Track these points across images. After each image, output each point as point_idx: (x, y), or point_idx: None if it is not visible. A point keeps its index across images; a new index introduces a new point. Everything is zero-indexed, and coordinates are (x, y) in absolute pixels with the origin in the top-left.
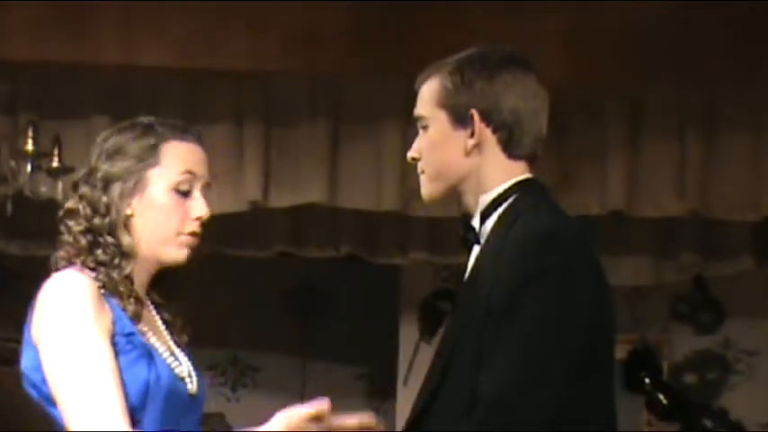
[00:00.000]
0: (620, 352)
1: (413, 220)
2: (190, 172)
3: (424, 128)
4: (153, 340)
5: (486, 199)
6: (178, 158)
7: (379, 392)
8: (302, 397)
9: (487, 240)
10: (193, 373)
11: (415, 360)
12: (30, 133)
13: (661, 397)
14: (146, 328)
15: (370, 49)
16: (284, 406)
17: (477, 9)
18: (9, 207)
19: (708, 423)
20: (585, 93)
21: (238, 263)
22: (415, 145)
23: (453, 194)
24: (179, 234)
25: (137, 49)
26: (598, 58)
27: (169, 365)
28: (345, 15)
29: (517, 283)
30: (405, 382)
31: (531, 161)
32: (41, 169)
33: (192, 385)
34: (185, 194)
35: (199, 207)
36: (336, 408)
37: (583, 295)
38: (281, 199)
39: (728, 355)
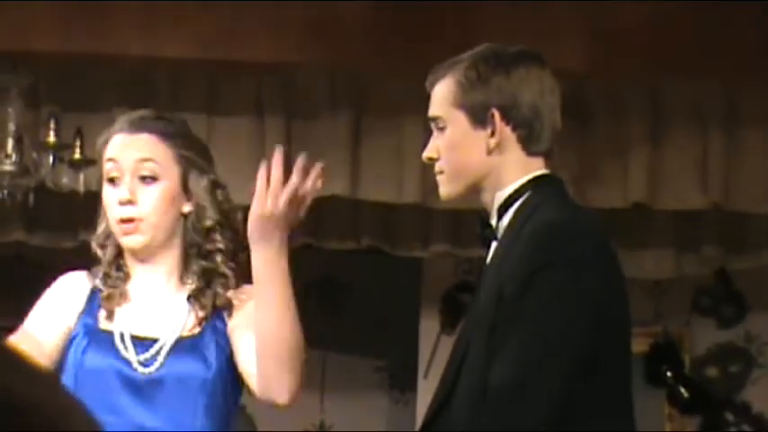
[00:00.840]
0: (642, 345)
1: (434, 212)
2: (112, 159)
3: (442, 128)
4: (118, 328)
5: (502, 195)
6: (107, 150)
7: (399, 385)
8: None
9: (503, 236)
10: (161, 358)
11: (435, 353)
12: (51, 125)
13: (683, 391)
14: (129, 317)
15: (391, 41)
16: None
17: (498, 3)
18: (31, 199)
19: (730, 417)
20: (607, 86)
21: None
22: (432, 145)
23: (473, 193)
24: (116, 222)
25: (158, 42)
26: (620, 51)
27: (117, 350)
28: (367, 7)
29: (525, 276)
30: (425, 375)
31: (548, 156)
32: (63, 161)
33: (143, 368)
34: (114, 182)
35: (119, 192)
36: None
37: (591, 289)
38: None
39: (751, 348)
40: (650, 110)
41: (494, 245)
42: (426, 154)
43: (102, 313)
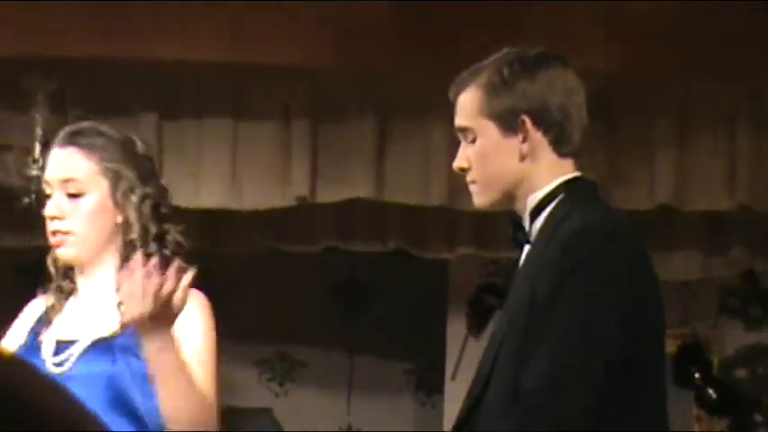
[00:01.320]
0: (670, 347)
1: (460, 214)
2: (47, 177)
3: (472, 139)
4: (52, 331)
5: (534, 199)
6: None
7: (426, 387)
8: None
9: (536, 239)
10: (73, 358)
11: (462, 355)
12: None
13: (711, 392)
14: (61, 324)
15: (417, 43)
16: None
17: (525, 3)
18: None
19: (758, 418)
20: (634, 87)
21: (286, 258)
22: (461, 154)
23: (507, 200)
24: (50, 236)
25: (184, 46)
26: (646, 52)
27: (43, 357)
28: (393, 10)
29: (558, 278)
30: (452, 377)
31: (577, 157)
32: None
33: (56, 368)
34: (49, 198)
35: (48, 208)
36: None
37: (624, 290)
38: (329, 194)
39: None
40: (677, 111)
41: (526, 248)
42: (457, 164)
43: (46, 326)
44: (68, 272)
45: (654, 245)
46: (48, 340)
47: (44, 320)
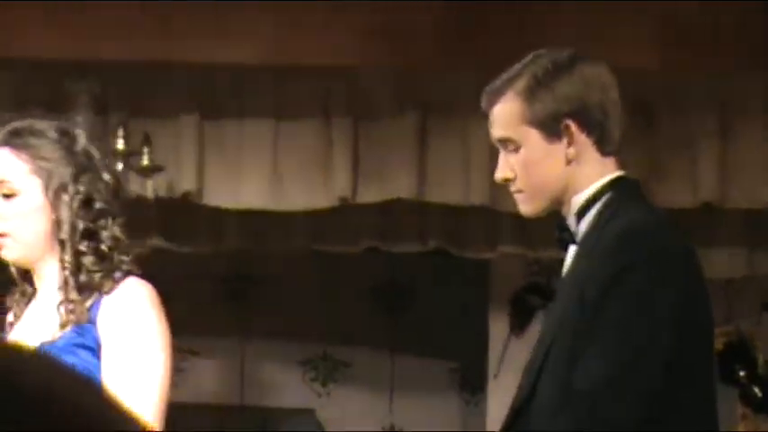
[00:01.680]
0: (715, 344)
1: (501, 213)
2: None
3: (515, 149)
4: (17, 331)
5: (579, 199)
6: None
7: (469, 386)
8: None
9: (583, 240)
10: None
11: (505, 354)
12: (120, 133)
13: (756, 390)
14: (19, 330)
15: (457, 41)
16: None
17: (563, 3)
18: None
19: None
20: (675, 83)
21: (328, 259)
22: (504, 164)
23: (556, 205)
24: None
25: (224, 47)
26: (686, 47)
27: None
28: (432, 8)
29: (607, 279)
30: (495, 376)
31: (618, 154)
32: (131, 168)
33: None
34: None
35: None
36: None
37: (673, 289)
38: (370, 194)
39: None
40: (718, 107)
41: (571, 249)
42: (501, 175)
43: (8, 332)
44: (27, 275)
45: (697, 242)
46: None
47: (7, 327)
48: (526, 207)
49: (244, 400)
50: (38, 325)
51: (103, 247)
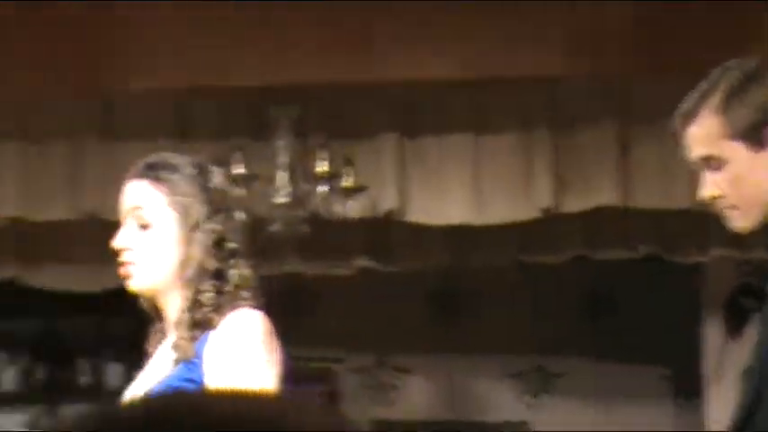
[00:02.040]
0: None
1: (710, 215)
2: (121, 214)
3: (718, 166)
4: (146, 369)
5: None
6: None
7: (683, 392)
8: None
9: None
10: (153, 389)
11: (722, 358)
12: (321, 155)
13: None
14: (153, 360)
15: (654, 46)
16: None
17: (756, 5)
18: (305, 229)
19: None
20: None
21: (535, 269)
22: (709, 182)
23: None
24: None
25: (420, 65)
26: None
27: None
28: (628, 15)
29: None
30: (712, 381)
31: None
32: (334, 189)
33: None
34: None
35: (116, 238)
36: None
37: None
38: (573, 204)
39: None
40: None
41: None
42: (707, 194)
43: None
44: (158, 310)
45: None
46: (141, 374)
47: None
48: (741, 222)
49: (456, 414)
50: (160, 361)
51: (228, 287)
